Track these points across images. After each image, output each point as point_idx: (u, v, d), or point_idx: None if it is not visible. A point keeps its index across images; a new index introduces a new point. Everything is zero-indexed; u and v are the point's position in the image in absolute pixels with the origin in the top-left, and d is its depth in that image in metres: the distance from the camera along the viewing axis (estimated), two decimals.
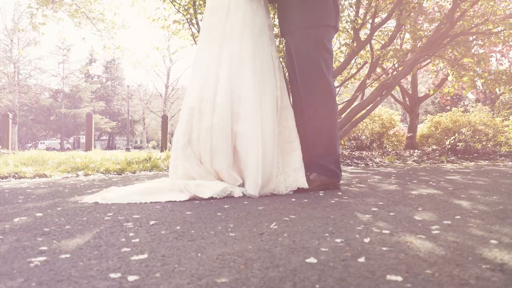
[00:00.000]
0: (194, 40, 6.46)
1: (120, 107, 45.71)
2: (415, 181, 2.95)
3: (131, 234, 1.33)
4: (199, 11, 5.91)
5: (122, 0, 6.10)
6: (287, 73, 6.08)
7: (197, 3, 5.87)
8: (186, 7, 5.98)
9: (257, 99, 2.30)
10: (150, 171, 4.13)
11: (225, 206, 1.91)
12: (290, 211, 1.76)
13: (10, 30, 25.88)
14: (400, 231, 1.34)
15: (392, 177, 3.28)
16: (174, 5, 6.03)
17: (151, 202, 2.05)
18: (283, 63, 6.35)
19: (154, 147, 45.96)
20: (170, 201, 2.08)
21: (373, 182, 2.91)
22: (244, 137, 2.30)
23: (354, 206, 1.87)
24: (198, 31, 6.19)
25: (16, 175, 3.36)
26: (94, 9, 7.70)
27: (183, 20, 6.25)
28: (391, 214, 1.67)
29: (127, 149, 30.66)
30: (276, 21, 5.47)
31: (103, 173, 3.81)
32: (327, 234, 1.30)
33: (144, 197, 2.12)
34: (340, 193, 2.33)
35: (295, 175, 2.34)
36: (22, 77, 28.24)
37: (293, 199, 2.11)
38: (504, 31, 5.53)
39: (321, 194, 2.31)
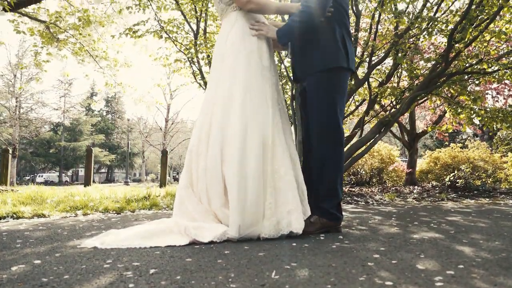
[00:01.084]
0: (195, 78, 6.59)
1: (119, 140, 45.87)
2: (416, 223, 2.93)
3: (130, 286, 1.32)
4: (199, 50, 6.05)
5: (125, 39, 6.25)
6: (294, 112, 6.16)
7: (198, 42, 6.02)
8: (187, 47, 6.13)
9: (241, 138, 2.32)
10: (149, 209, 4.10)
11: (226, 252, 1.89)
12: (291, 258, 1.74)
13: (14, 65, 26.33)
14: (403, 282, 1.33)
15: (393, 218, 3.26)
16: (175, 45, 6.18)
17: (150, 247, 2.03)
18: (289, 102, 6.43)
19: (153, 180, 45.79)
20: (170, 246, 2.06)
21: (374, 223, 2.90)
22: (229, 176, 2.30)
23: (356, 252, 1.85)
24: (199, 70, 6.32)
25: (14, 215, 3.34)
26: (97, 48, 7.87)
27: (184, 59, 6.39)
28: (393, 262, 1.65)
29: (126, 183, 30.55)
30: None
31: (102, 212, 3.78)
32: (329, 286, 1.29)
33: (143, 241, 2.10)
34: (341, 237, 2.32)
35: (288, 218, 2.28)
36: (24, 111, 28.50)
37: (294, 244, 2.09)
38: (499, 71, 5.65)
39: (322, 238, 2.29)
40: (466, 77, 6.27)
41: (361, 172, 9.02)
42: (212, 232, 2.18)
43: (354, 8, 5.89)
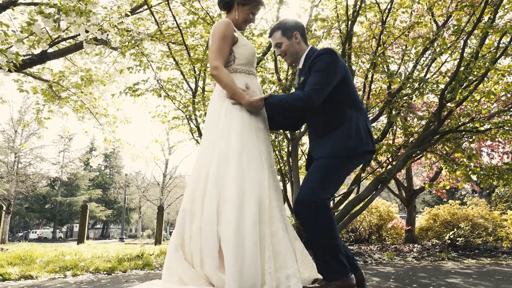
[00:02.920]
0: (192, 135, 6.68)
1: (116, 195, 45.46)
2: (415, 285, 2.84)
3: None
4: (197, 108, 6.19)
5: (125, 97, 6.42)
6: (291, 169, 6.22)
7: (196, 100, 6.17)
8: (185, 104, 6.27)
9: (239, 198, 2.28)
10: (142, 269, 3.98)
11: None
12: None
13: (15, 121, 26.68)
14: None
15: (391, 280, 3.17)
16: (174, 103, 6.33)
17: None
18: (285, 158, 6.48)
19: (149, 236, 44.78)
20: None
21: (371, 286, 2.81)
22: (224, 237, 2.24)
23: None
24: (196, 127, 6.42)
25: (0, 277, 3.23)
26: (98, 105, 8.05)
27: (182, 116, 6.52)
28: None
29: (121, 239, 29.93)
30: None
31: (93, 272, 3.67)
32: None
33: None
34: None
35: (287, 283, 2.19)
36: (22, 166, 28.46)
37: None
38: (491, 130, 5.75)
39: None
40: (460, 135, 6.38)
41: (360, 229, 8.88)
42: None
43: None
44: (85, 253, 4.69)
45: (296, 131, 6.40)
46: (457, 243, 6.68)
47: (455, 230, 7.01)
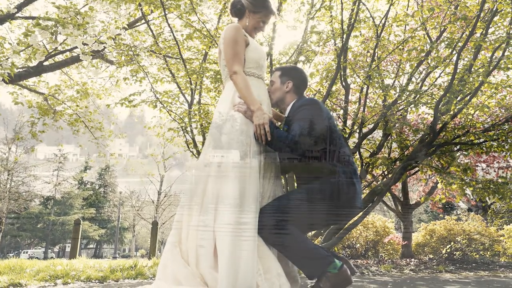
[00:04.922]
0: (188, 147, 6.65)
1: (110, 214, 44.87)
2: None
3: None
4: (193, 119, 6.19)
5: (120, 109, 6.42)
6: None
7: (192, 112, 6.17)
8: (181, 116, 6.27)
9: (237, 200, 2.25)
10: (134, 279, 3.90)
11: None
12: None
13: (10, 139, 26.52)
14: None
15: (389, 287, 3.11)
16: (170, 115, 6.32)
17: None
18: None
19: (142, 256, 44.07)
20: None
21: None
22: (218, 237, 2.20)
23: None
24: (192, 139, 6.40)
25: None
26: (93, 119, 8.04)
27: (177, 128, 6.51)
28: None
29: (114, 258, 29.45)
30: None
31: (84, 281, 3.58)
32: None
33: None
34: None
35: (278, 282, 2.15)
36: (15, 184, 28.15)
37: None
38: (486, 143, 5.78)
39: None
40: (455, 148, 6.39)
41: (356, 245, 8.79)
42: None
43: (343, 82, 6.15)
44: (77, 264, 4.59)
45: None
46: (454, 256, 6.62)
47: (452, 243, 6.96)
